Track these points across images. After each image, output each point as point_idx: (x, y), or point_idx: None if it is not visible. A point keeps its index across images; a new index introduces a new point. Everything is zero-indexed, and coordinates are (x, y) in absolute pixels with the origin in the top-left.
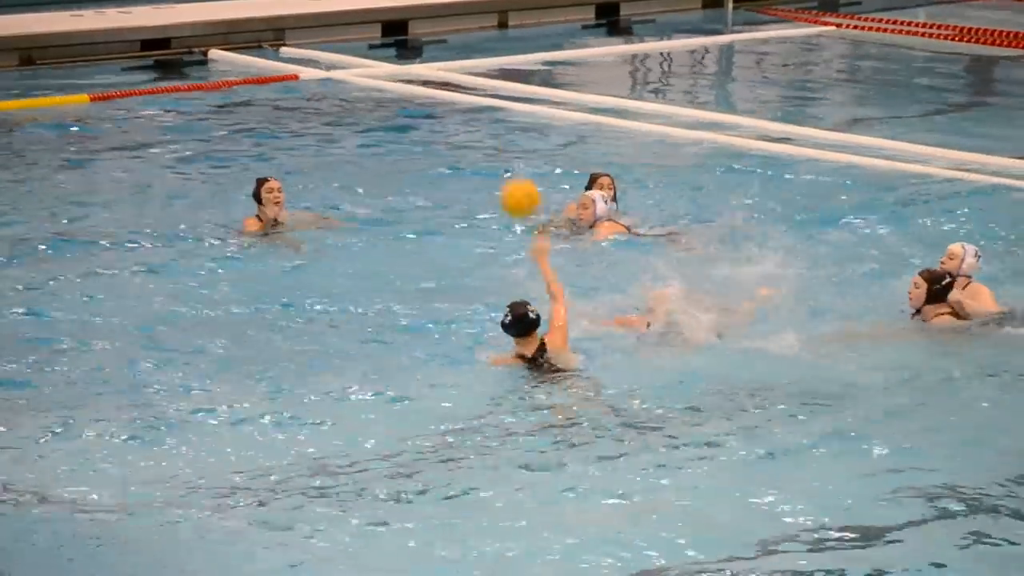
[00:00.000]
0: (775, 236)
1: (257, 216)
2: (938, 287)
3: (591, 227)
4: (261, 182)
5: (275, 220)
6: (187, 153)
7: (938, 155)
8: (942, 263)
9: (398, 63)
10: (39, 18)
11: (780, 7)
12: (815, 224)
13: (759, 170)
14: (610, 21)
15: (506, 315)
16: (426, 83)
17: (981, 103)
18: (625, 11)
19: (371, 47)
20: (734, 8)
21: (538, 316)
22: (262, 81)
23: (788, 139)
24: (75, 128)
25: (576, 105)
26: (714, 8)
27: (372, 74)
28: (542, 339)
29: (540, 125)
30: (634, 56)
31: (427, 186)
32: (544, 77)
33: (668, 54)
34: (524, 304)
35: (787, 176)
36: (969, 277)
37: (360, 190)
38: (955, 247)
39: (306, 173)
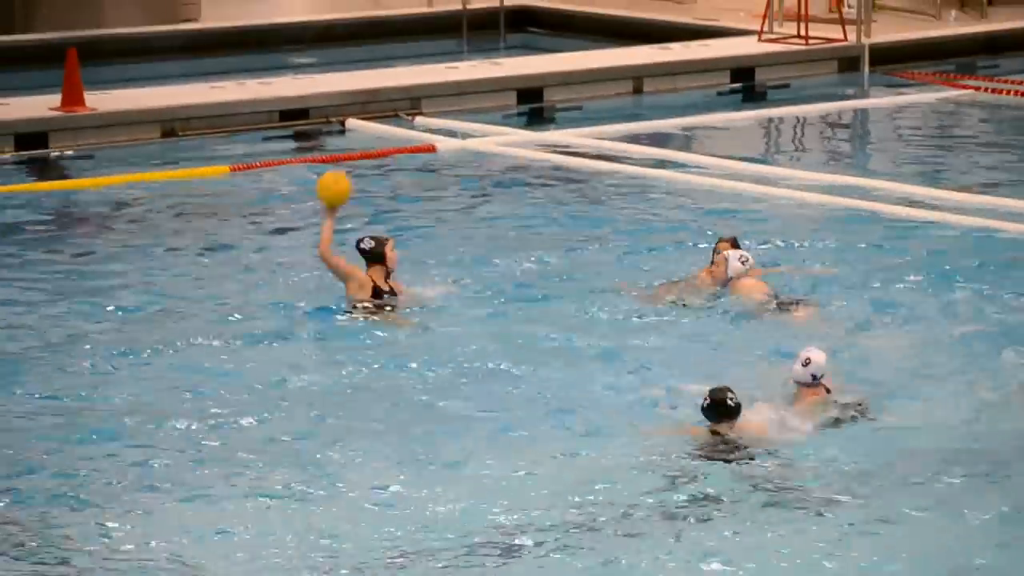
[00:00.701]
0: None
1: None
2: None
3: (724, 285)
4: (384, 240)
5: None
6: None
7: None
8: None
9: (534, 130)
10: (180, 90)
11: (917, 70)
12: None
13: (897, 235)
14: (745, 86)
15: (705, 399)
16: (563, 150)
17: None
18: (760, 75)
19: (506, 116)
20: (870, 72)
21: (738, 405)
22: (400, 151)
23: (925, 203)
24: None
25: (713, 170)
26: (851, 72)
27: (509, 142)
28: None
29: (678, 190)
30: (769, 120)
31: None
32: (681, 142)
33: (803, 119)
34: (725, 390)
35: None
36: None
37: (497, 260)
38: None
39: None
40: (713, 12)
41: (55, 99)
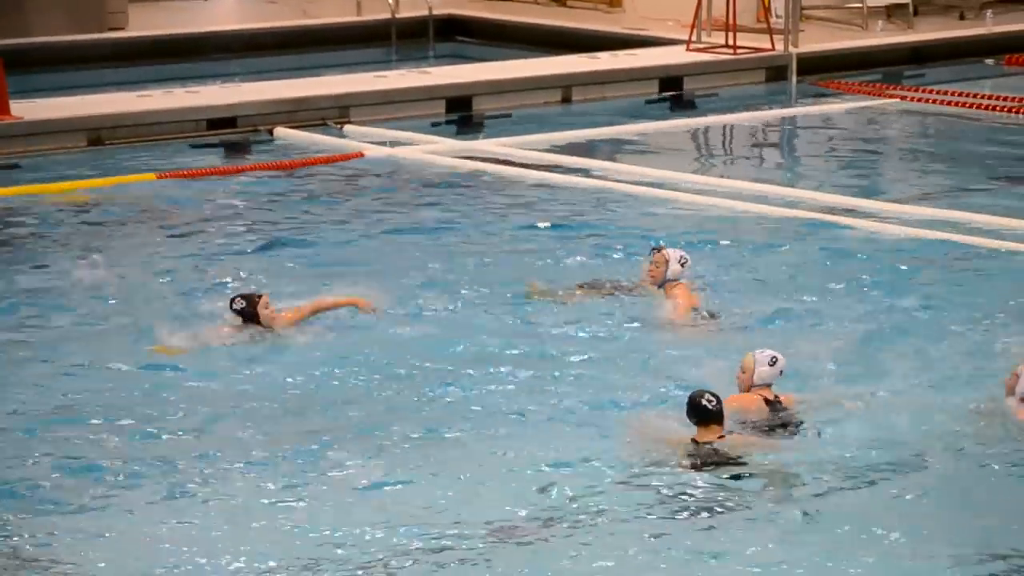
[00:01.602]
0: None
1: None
2: None
3: (660, 287)
4: (255, 299)
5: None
6: (245, 231)
7: (1006, 225)
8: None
9: (462, 139)
10: (108, 99)
11: (843, 80)
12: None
13: (823, 243)
14: (674, 95)
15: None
16: (490, 159)
17: None
18: (689, 85)
19: (434, 124)
20: (798, 81)
21: (718, 409)
22: (327, 160)
23: (852, 211)
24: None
25: (639, 179)
26: (779, 81)
27: (436, 150)
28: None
29: (604, 199)
30: (697, 130)
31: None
32: (608, 151)
33: (730, 128)
34: (702, 393)
35: (850, 250)
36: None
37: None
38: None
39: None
40: (642, 22)
41: None
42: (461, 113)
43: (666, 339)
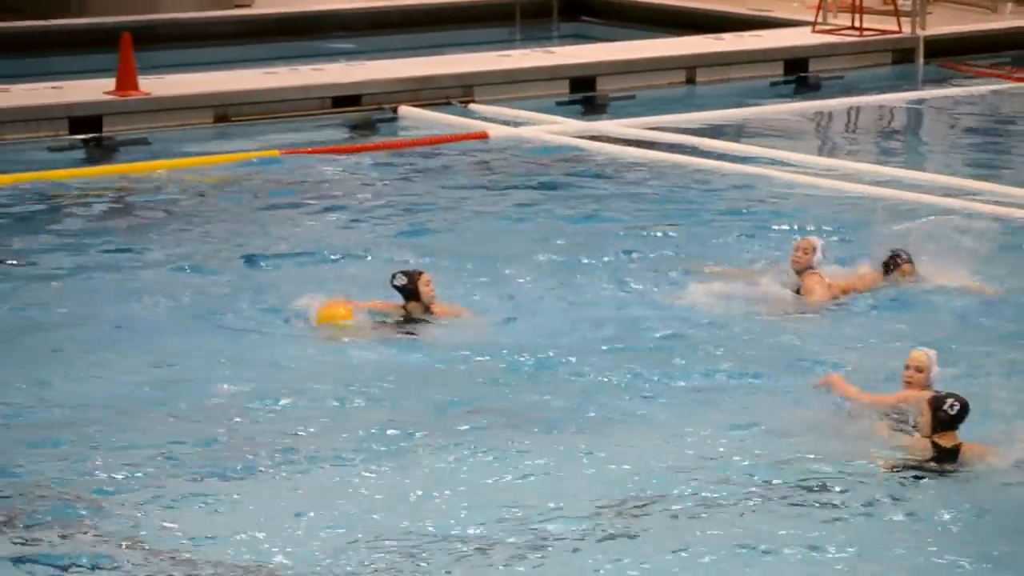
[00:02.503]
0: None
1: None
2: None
3: (799, 274)
4: (416, 275)
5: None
6: (373, 209)
7: None
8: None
9: (586, 119)
10: (233, 76)
11: (972, 64)
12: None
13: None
14: (799, 77)
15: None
16: (614, 140)
17: None
18: (814, 67)
19: (559, 103)
20: (925, 64)
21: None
22: (452, 139)
23: (977, 195)
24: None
25: (766, 162)
26: (905, 64)
27: (561, 130)
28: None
29: (731, 182)
30: (821, 112)
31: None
32: (733, 133)
33: (857, 111)
34: (944, 397)
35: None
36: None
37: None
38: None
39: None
40: (768, 3)
41: (110, 83)
42: (585, 93)
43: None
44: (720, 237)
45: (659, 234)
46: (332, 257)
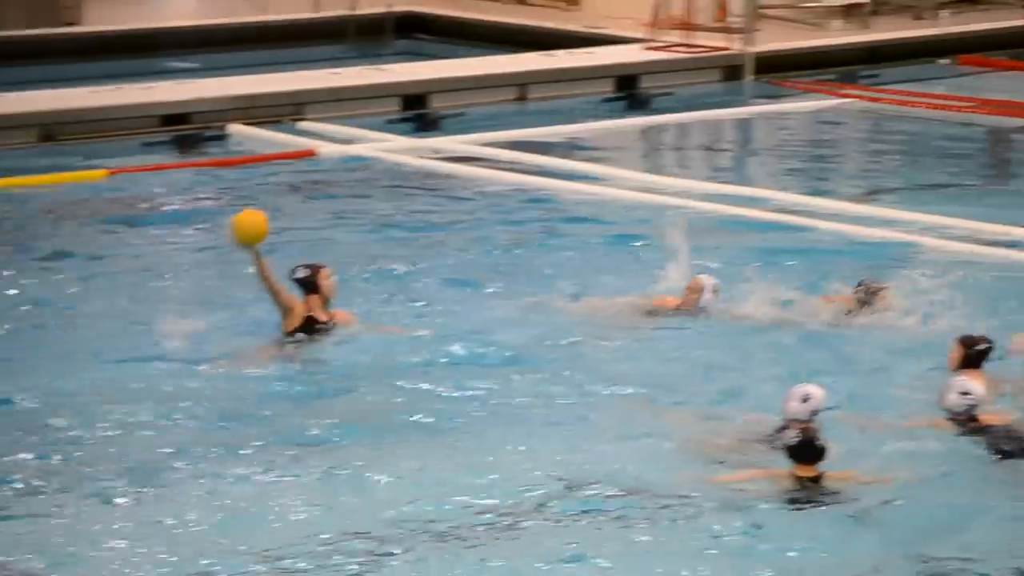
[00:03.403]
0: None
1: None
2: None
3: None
4: (317, 269)
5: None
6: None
7: (956, 225)
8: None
9: (417, 137)
10: (59, 94)
11: (799, 80)
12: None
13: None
14: (629, 94)
15: (794, 437)
16: (445, 157)
17: (1003, 174)
18: (645, 83)
19: (389, 121)
20: (754, 80)
21: (823, 448)
22: (279, 157)
23: (806, 211)
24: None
25: (595, 178)
26: (735, 80)
27: (391, 148)
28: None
29: (560, 198)
30: (651, 129)
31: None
32: (564, 150)
33: (686, 127)
34: (814, 430)
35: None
36: None
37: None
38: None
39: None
40: (599, 20)
41: None
42: (416, 111)
43: None
44: (553, 254)
45: (497, 251)
46: (166, 276)
